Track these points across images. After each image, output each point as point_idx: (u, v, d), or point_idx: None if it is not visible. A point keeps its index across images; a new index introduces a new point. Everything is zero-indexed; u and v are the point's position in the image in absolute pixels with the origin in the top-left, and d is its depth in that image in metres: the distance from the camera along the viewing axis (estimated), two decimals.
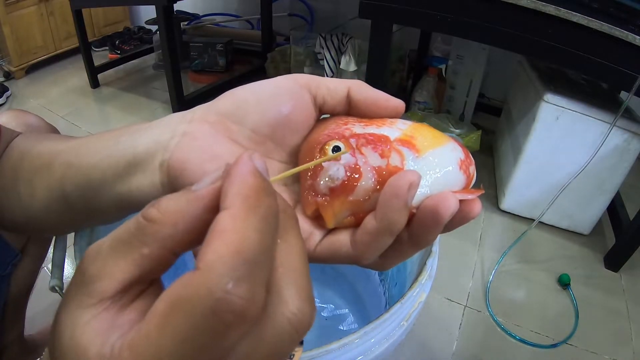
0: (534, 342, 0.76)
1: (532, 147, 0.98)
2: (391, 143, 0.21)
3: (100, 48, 2.06)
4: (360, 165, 0.20)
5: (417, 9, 0.91)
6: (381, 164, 0.20)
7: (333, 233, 0.21)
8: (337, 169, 0.20)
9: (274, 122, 0.22)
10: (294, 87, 0.23)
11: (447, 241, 0.98)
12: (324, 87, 0.23)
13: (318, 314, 0.70)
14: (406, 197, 0.18)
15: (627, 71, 0.76)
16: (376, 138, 0.21)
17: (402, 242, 0.20)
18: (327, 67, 1.29)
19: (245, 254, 0.12)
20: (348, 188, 0.20)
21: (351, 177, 0.20)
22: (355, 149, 0.20)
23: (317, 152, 0.21)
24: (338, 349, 0.32)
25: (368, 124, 0.22)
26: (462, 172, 0.21)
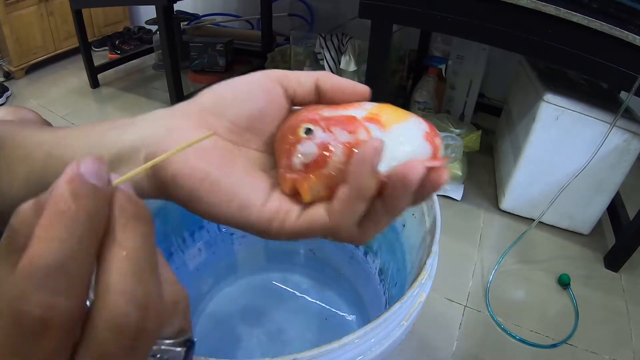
0: (534, 342, 0.76)
1: (532, 147, 0.98)
2: (357, 120, 0.22)
3: (100, 48, 2.06)
4: (330, 142, 0.21)
5: (417, 9, 0.91)
6: (350, 139, 0.21)
7: (310, 207, 0.22)
8: (309, 146, 0.22)
9: (250, 115, 0.24)
10: (267, 82, 0.24)
11: (447, 241, 0.98)
12: (294, 80, 0.25)
13: (318, 313, 0.70)
14: (372, 161, 0.19)
15: (627, 71, 0.76)
16: (344, 118, 0.22)
17: (377, 211, 0.21)
18: (327, 67, 1.28)
19: (44, 262, 0.13)
20: (320, 163, 0.21)
21: (322, 153, 0.21)
22: (325, 129, 0.22)
23: (290, 134, 0.23)
24: (338, 349, 0.32)
25: (337, 108, 0.24)
26: (428, 143, 0.22)
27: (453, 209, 1.10)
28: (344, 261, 0.69)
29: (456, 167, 1.15)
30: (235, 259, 0.73)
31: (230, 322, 0.67)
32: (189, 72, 1.78)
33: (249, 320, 0.68)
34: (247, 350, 0.64)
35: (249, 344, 0.64)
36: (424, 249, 0.43)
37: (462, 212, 1.09)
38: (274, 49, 1.82)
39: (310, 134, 0.22)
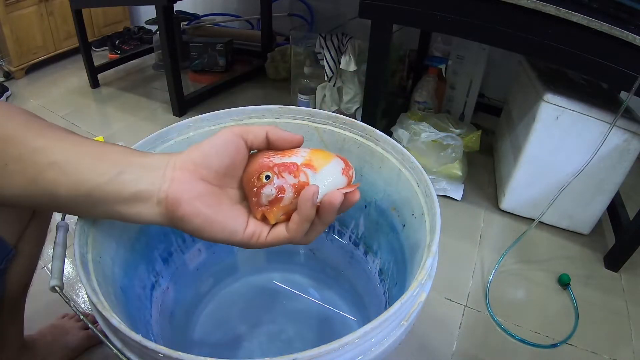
0: (534, 342, 0.76)
1: (532, 147, 0.98)
2: (299, 167, 0.34)
3: (100, 48, 2.07)
4: (283, 185, 0.34)
5: (417, 9, 0.91)
6: (295, 181, 0.34)
7: (275, 227, 0.35)
8: (270, 189, 0.34)
9: (228, 165, 0.34)
10: (234, 138, 0.34)
11: (447, 241, 0.98)
12: (251, 134, 0.34)
13: (318, 313, 0.70)
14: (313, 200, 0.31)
15: (627, 71, 0.76)
16: (289, 165, 0.34)
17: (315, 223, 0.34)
18: (326, 67, 1.28)
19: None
20: (279, 199, 0.34)
21: (279, 193, 0.34)
22: (278, 175, 0.34)
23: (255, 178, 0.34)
24: (338, 349, 0.32)
25: (282, 156, 0.35)
26: (344, 176, 0.35)
27: (453, 209, 1.10)
28: (344, 261, 0.69)
29: (456, 167, 1.15)
30: (235, 259, 0.73)
31: (230, 322, 0.67)
32: (189, 72, 1.78)
33: (249, 320, 0.68)
34: (247, 350, 0.64)
35: (249, 344, 0.64)
36: (424, 249, 0.43)
37: (462, 212, 1.09)
38: (274, 49, 1.82)
39: (268, 180, 0.34)
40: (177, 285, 0.62)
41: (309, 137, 0.64)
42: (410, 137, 1.12)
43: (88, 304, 0.78)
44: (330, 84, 1.34)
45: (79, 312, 0.38)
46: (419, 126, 1.12)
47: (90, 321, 0.47)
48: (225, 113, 0.62)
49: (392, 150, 0.56)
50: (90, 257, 0.41)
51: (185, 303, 0.65)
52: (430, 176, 1.01)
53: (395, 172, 0.55)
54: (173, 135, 0.58)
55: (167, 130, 0.57)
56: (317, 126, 0.62)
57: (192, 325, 0.65)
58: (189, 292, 0.66)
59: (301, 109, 0.62)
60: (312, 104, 1.43)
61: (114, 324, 0.33)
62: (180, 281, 0.62)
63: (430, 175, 1.13)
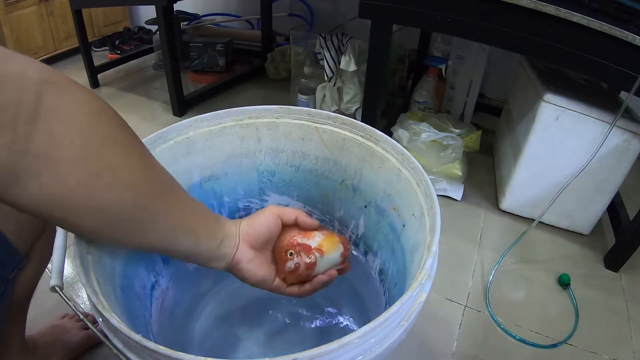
0: (534, 342, 0.76)
1: (532, 147, 0.98)
2: (312, 250, 0.49)
3: (100, 48, 2.06)
4: (299, 262, 0.48)
5: (417, 9, 0.91)
6: (307, 260, 0.48)
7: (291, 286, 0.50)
8: (291, 264, 0.48)
9: (268, 237, 0.49)
10: (275, 218, 0.49)
11: (447, 241, 0.98)
12: (286, 215, 0.49)
13: (318, 313, 0.70)
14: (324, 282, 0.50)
15: (627, 71, 0.76)
16: (306, 247, 0.49)
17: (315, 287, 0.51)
18: (326, 67, 1.28)
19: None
20: (295, 271, 0.48)
21: (296, 268, 0.48)
22: (298, 254, 0.48)
23: (283, 252, 0.49)
24: (338, 349, 0.32)
25: (304, 237, 0.50)
26: (341, 258, 0.51)
27: (453, 209, 1.10)
28: None
29: (456, 167, 1.15)
30: None
31: (230, 322, 0.67)
32: (189, 72, 1.78)
33: (249, 320, 0.68)
34: (247, 350, 0.64)
35: (248, 344, 0.64)
36: (424, 249, 0.43)
37: (462, 212, 1.09)
38: (274, 49, 1.82)
39: (291, 256, 0.48)
40: (177, 285, 0.62)
41: (309, 137, 0.64)
42: (410, 137, 1.12)
43: (88, 304, 0.78)
44: (330, 84, 1.34)
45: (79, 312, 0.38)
46: (419, 126, 1.12)
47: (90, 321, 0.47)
48: (225, 113, 0.62)
49: (392, 150, 0.56)
50: (90, 257, 0.41)
51: (185, 303, 0.65)
52: (430, 176, 1.01)
53: (395, 172, 0.55)
54: (173, 135, 0.58)
55: (167, 130, 0.57)
56: (317, 126, 0.62)
57: (192, 325, 0.65)
58: (189, 292, 0.66)
59: (301, 109, 0.62)
60: (312, 104, 1.43)
61: (114, 324, 0.33)
62: (180, 281, 0.62)
63: (430, 175, 1.13)
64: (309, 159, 0.65)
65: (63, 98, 0.29)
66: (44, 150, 0.28)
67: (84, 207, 0.31)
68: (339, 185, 0.65)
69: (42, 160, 0.28)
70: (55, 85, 0.29)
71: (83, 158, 0.30)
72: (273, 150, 0.66)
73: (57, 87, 0.29)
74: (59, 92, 0.29)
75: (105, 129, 0.32)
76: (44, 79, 0.28)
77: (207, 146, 0.62)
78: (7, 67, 0.26)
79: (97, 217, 0.32)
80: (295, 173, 0.67)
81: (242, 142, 0.64)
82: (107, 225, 0.33)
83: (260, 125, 0.63)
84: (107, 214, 0.32)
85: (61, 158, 0.28)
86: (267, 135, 0.64)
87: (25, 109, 0.27)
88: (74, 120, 0.30)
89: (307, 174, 0.67)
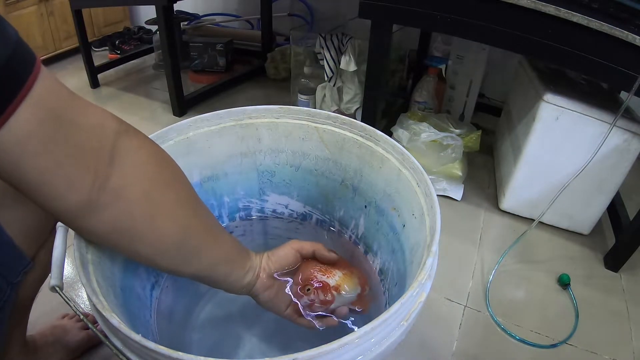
0: (534, 342, 0.76)
1: (532, 147, 0.98)
2: (330, 289, 0.51)
3: (100, 48, 2.06)
4: (314, 300, 0.51)
5: (417, 9, 0.91)
6: (323, 298, 0.51)
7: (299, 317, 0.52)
8: (307, 299, 0.51)
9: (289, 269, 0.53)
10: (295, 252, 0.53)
11: (447, 241, 0.98)
12: (305, 249, 0.53)
13: None
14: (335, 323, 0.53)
15: (627, 71, 0.76)
16: (324, 284, 0.51)
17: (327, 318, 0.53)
18: (327, 67, 1.28)
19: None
20: (311, 306, 0.51)
21: (312, 303, 0.51)
22: (315, 291, 0.51)
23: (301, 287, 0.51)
24: (338, 348, 0.32)
25: (324, 273, 0.52)
26: (357, 297, 0.53)
27: (453, 209, 1.10)
28: None
29: (456, 167, 1.15)
30: None
31: (230, 322, 0.67)
32: (189, 72, 1.78)
33: (249, 320, 0.68)
34: (247, 350, 0.64)
35: (248, 344, 0.64)
36: (424, 249, 0.43)
37: (462, 212, 1.09)
38: (274, 49, 1.82)
39: (308, 292, 0.51)
40: (177, 285, 0.62)
41: (309, 137, 0.64)
42: (410, 137, 1.12)
43: (88, 304, 0.78)
44: (330, 84, 1.34)
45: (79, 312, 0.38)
46: (419, 126, 1.12)
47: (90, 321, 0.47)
48: (225, 113, 0.62)
49: (392, 150, 0.56)
50: (90, 257, 0.41)
51: (185, 303, 0.65)
52: (430, 176, 1.01)
53: (395, 172, 0.55)
54: (173, 135, 0.58)
55: (167, 130, 0.57)
56: (317, 126, 0.62)
57: (192, 325, 0.65)
58: (188, 292, 0.66)
59: (301, 109, 0.62)
60: (312, 104, 1.43)
61: (114, 324, 0.33)
62: (180, 281, 0.62)
63: (430, 175, 1.13)
64: (309, 159, 0.65)
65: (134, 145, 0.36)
66: (118, 187, 0.34)
67: (145, 236, 0.37)
68: (339, 185, 0.65)
69: (116, 196, 0.34)
70: (126, 133, 0.36)
71: (148, 196, 0.36)
72: (273, 150, 0.66)
73: (128, 135, 0.36)
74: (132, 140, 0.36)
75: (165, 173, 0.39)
76: (119, 129, 0.35)
77: (207, 146, 0.62)
78: (88, 118, 0.32)
79: (154, 245, 0.38)
80: (295, 173, 0.67)
81: (242, 142, 0.64)
82: (160, 253, 0.39)
83: (260, 125, 0.63)
84: (162, 243, 0.39)
85: (131, 195, 0.35)
86: (267, 135, 0.64)
87: (106, 153, 0.33)
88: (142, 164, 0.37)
89: (307, 174, 0.67)
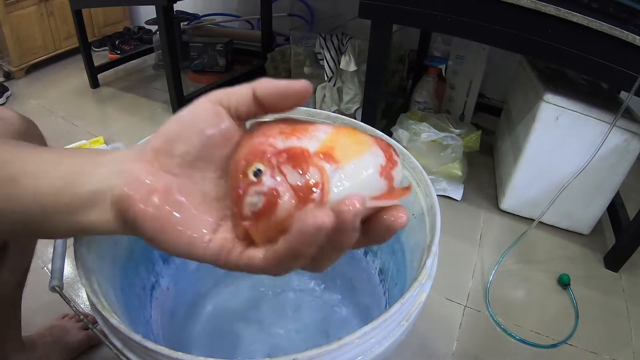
0: (534, 342, 0.76)
1: (532, 147, 0.98)
2: (310, 158, 0.21)
3: (100, 48, 2.06)
4: (278, 189, 0.21)
5: (417, 9, 0.91)
6: (300, 181, 0.21)
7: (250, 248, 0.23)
8: (256, 197, 0.22)
9: (199, 145, 0.24)
10: (209, 107, 0.25)
11: (447, 241, 0.98)
12: (233, 97, 0.25)
13: (318, 313, 0.70)
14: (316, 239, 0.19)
15: (627, 71, 0.76)
16: (296, 153, 0.22)
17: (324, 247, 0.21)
18: (327, 67, 1.28)
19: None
20: (269, 211, 0.21)
21: (270, 201, 0.21)
22: (275, 169, 0.21)
23: (241, 173, 0.23)
24: (338, 349, 0.32)
25: (289, 136, 0.23)
26: (383, 178, 0.22)
27: (453, 209, 1.10)
28: (344, 261, 0.69)
29: (456, 167, 1.15)
30: None
31: (230, 322, 0.67)
32: (189, 72, 1.78)
33: (249, 320, 0.68)
34: (247, 350, 0.64)
35: (249, 344, 0.64)
36: (424, 249, 0.43)
37: (462, 212, 1.09)
38: (274, 49, 1.82)
39: (259, 177, 0.22)
40: (177, 285, 0.62)
41: None
42: (410, 137, 1.12)
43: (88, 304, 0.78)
44: (330, 84, 1.34)
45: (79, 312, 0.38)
46: (418, 126, 1.12)
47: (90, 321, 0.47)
48: None
49: None
50: (90, 257, 0.41)
51: (185, 303, 0.65)
52: (430, 176, 1.01)
53: None
54: None
55: None
56: None
57: (192, 326, 0.65)
58: (189, 292, 0.66)
59: (301, 109, 0.62)
60: (312, 104, 1.43)
61: (113, 324, 0.33)
62: (181, 281, 0.62)
63: (430, 175, 1.13)
64: None
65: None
66: None
67: None
68: None
69: None
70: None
71: None
72: None
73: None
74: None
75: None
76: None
77: None
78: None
79: None
80: None
81: None
82: None
83: None
84: None
85: None
86: None
87: None
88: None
89: None
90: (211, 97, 0.25)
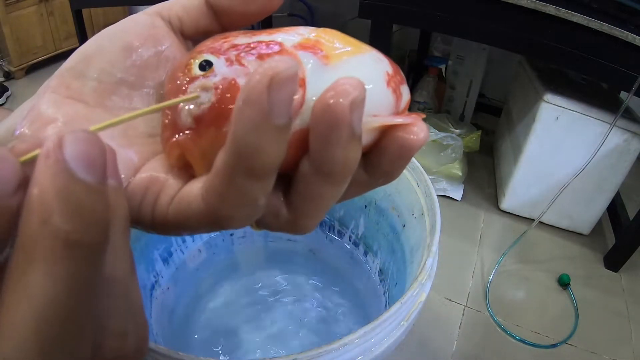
0: (534, 342, 0.76)
1: (532, 147, 0.98)
2: (286, 49, 0.15)
3: None
4: (237, 81, 0.14)
5: (417, 9, 0.91)
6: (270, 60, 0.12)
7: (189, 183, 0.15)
8: (201, 91, 0.14)
9: (124, 64, 0.18)
10: (143, 19, 0.18)
11: (447, 241, 0.98)
12: (178, 5, 0.18)
13: (318, 313, 0.70)
14: (280, 113, 0.11)
15: (627, 71, 0.76)
16: (263, 44, 0.15)
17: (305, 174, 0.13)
18: None
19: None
20: (221, 115, 0.14)
21: (224, 98, 0.14)
22: (233, 61, 0.14)
23: (180, 73, 0.15)
24: (338, 349, 0.32)
25: (256, 34, 0.16)
26: (391, 90, 0.15)
27: (453, 209, 1.10)
28: (344, 261, 0.69)
29: (456, 167, 1.15)
30: (235, 259, 0.73)
31: (230, 322, 0.67)
32: None
33: (249, 320, 0.68)
34: (247, 350, 0.64)
35: (249, 344, 0.64)
36: (424, 249, 0.43)
37: (462, 212, 1.09)
38: None
39: (208, 70, 0.15)
40: (177, 285, 0.62)
41: None
42: None
43: None
44: None
45: None
46: None
47: None
48: None
49: None
50: None
51: (185, 303, 0.65)
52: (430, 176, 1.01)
53: None
54: None
55: None
56: None
57: (192, 326, 0.65)
58: (189, 292, 0.66)
59: None
60: None
61: None
62: (180, 281, 0.62)
63: (430, 175, 1.13)
64: None
65: None
66: None
67: None
68: None
69: None
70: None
71: None
72: None
73: None
74: None
75: None
76: None
77: None
78: None
79: None
80: None
81: None
82: None
83: None
84: None
85: None
86: None
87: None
88: None
89: None
90: (149, 9, 0.19)
